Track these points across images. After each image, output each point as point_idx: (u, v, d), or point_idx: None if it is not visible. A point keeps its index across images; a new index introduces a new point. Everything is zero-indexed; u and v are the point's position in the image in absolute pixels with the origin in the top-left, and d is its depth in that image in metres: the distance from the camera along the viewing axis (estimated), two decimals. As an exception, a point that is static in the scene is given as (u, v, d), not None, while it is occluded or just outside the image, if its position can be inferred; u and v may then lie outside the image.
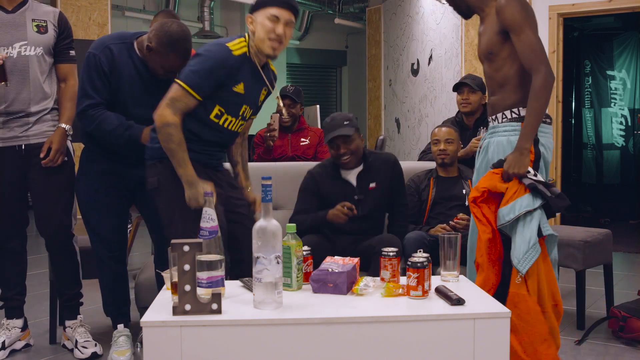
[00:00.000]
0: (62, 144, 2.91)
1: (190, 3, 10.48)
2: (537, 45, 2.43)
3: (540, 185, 2.39)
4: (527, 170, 2.42)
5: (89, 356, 2.93)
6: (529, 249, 2.37)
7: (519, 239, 2.39)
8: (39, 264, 4.76)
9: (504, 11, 2.46)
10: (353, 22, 10.80)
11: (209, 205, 2.05)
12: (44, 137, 2.92)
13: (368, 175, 3.14)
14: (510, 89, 2.53)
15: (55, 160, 2.89)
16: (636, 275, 4.83)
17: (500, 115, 2.56)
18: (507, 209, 2.40)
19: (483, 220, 2.47)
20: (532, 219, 2.39)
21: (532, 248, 2.37)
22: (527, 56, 2.42)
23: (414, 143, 7.90)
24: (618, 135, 7.83)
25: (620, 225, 6.83)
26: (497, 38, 2.52)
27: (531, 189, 2.40)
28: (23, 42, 2.86)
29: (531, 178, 2.41)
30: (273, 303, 1.89)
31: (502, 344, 1.88)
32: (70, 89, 3.00)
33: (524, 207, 2.38)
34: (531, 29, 2.44)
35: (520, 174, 2.41)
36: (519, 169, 2.41)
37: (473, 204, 2.49)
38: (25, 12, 2.91)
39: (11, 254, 2.99)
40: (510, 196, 2.41)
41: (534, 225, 2.38)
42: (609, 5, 5.47)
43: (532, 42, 2.43)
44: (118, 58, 2.66)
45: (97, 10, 7.36)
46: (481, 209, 2.48)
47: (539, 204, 2.39)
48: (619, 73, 7.73)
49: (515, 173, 2.41)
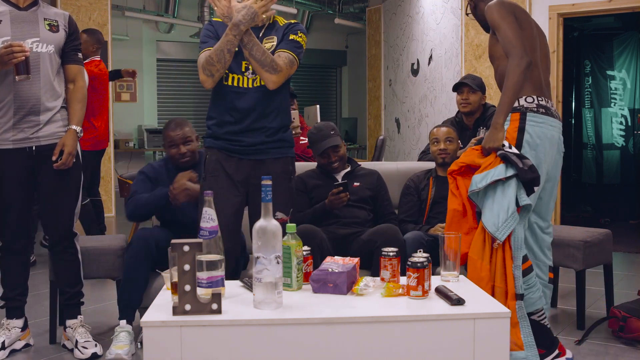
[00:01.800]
0: (74, 147, 2.93)
1: (190, 3, 10.48)
2: (511, 34, 2.58)
3: (512, 156, 2.51)
4: (502, 144, 2.56)
5: (89, 356, 2.93)
6: (508, 217, 2.48)
7: (496, 207, 2.51)
8: (39, 264, 4.76)
9: (487, 14, 2.68)
10: (353, 22, 10.80)
11: (209, 206, 2.05)
12: (54, 138, 2.93)
13: (353, 177, 3.37)
14: None
15: (67, 163, 2.91)
16: (636, 275, 4.83)
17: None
18: (481, 176, 2.56)
19: (455, 192, 2.70)
20: (509, 188, 2.51)
21: (511, 217, 2.49)
22: (505, 47, 2.60)
23: (414, 143, 7.90)
24: (618, 135, 7.83)
25: (620, 225, 6.82)
26: (492, 40, 2.75)
27: (502, 157, 2.53)
28: (35, 39, 2.86)
29: (505, 150, 2.54)
30: (273, 303, 1.89)
31: (502, 344, 1.88)
32: (79, 91, 3.03)
33: (496, 175, 2.52)
34: (507, 22, 2.60)
35: (495, 148, 2.56)
36: (493, 142, 2.56)
37: (449, 176, 2.71)
38: (37, 11, 2.92)
39: (17, 255, 3.00)
40: (485, 167, 2.57)
41: (510, 193, 2.50)
42: (609, 5, 5.47)
43: (506, 33, 2.59)
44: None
45: (97, 10, 7.36)
46: (456, 182, 2.70)
47: (511, 173, 2.51)
48: (619, 73, 7.72)
49: (491, 147, 2.57)
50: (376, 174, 3.45)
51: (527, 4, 5.81)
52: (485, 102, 3.82)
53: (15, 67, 2.74)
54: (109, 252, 3.21)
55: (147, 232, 3.03)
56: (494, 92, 5.37)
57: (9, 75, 2.81)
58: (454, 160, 3.42)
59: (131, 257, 2.96)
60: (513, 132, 2.60)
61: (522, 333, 2.46)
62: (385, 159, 8.00)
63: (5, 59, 2.70)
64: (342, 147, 3.35)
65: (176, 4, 10.39)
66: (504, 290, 2.48)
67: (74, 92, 3.02)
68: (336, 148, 3.30)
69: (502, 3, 2.65)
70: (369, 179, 3.39)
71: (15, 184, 2.90)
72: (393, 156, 8.54)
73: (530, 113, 2.61)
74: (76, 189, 3.02)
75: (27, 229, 3.02)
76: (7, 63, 2.72)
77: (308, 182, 3.34)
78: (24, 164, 2.90)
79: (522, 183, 2.51)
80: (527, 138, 2.59)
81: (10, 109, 2.84)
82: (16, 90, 2.83)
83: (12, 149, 2.87)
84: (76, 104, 3.01)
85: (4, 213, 2.92)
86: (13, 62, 2.71)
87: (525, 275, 2.54)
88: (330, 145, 3.27)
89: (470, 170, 2.65)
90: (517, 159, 2.50)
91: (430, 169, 3.50)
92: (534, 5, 5.80)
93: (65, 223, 2.98)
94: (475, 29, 6.36)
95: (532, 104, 2.63)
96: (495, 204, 2.51)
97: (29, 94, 2.85)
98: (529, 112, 2.61)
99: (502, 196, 2.50)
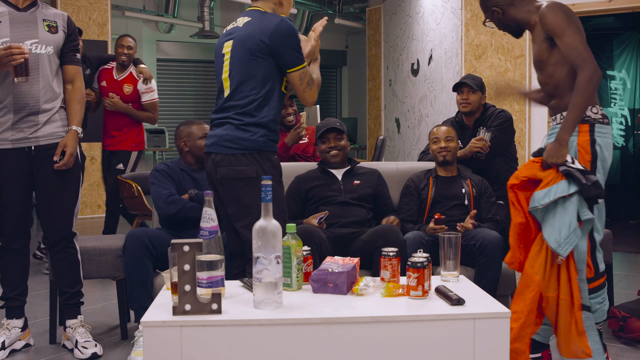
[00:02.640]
0: (75, 147, 2.95)
1: (190, 3, 10.48)
2: (580, 45, 2.52)
3: (576, 172, 2.47)
4: (565, 160, 2.50)
5: (89, 356, 2.93)
6: (570, 233, 2.44)
7: (558, 223, 2.46)
8: (39, 264, 4.76)
9: (546, 18, 2.57)
10: (353, 22, 10.80)
11: (209, 206, 2.05)
12: (53, 138, 2.93)
13: (353, 175, 3.40)
14: (564, 91, 2.60)
15: (69, 163, 2.92)
16: (636, 275, 4.83)
17: (559, 116, 2.64)
18: (543, 193, 2.50)
19: (516, 205, 2.61)
20: (571, 204, 2.46)
21: (573, 233, 2.45)
22: (572, 57, 2.52)
23: (414, 143, 7.90)
24: (618, 135, 7.83)
25: (620, 225, 6.82)
26: (544, 46, 2.63)
27: (565, 174, 2.48)
28: (34, 40, 2.86)
29: (568, 166, 2.49)
30: (273, 303, 1.89)
31: (502, 343, 1.88)
32: (78, 92, 3.04)
33: (559, 192, 2.46)
34: (573, 30, 2.53)
35: (557, 163, 2.51)
36: (557, 158, 2.50)
37: (510, 189, 2.62)
38: (36, 12, 2.92)
39: (15, 255, 3.00)
40: (547, 182, 2.51)
41: (572, 210, 2.46)
42: (609, 5, 5.47)
43: (574, 42, 2.52)
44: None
45: (97, 11, 7.36)
46: (517, 195, 2.61)
47: (574, 190, 2.46)
48: (619, 73, 7.72)
49: (554, 162, 2.51)
50: (377, 172, 3.46)
51: (527, 4, 5.81)
52: (485, 102, 3.82)
53: (15, 68, 2.74)
54: (109, 252, 3.21)
55: (138, 230, 3.06)
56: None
57: (9, 77, 2.81)
58: (454, 158, 3.44)
59: (130, 257, 2.96)
60: (586, 144, 2.55)
61: (590, 341, 2.47)
62: (385, 159, 8.00)
63: (4, 60, 2.71)
64: (345, 140, 3.42)
65: (176, 4, 10.38)
66: (569, 302, 2.48)
67: (73, 92, 3.03)
68: (338, 135, 3.38)
69: (563, 8, 2.58)
70: (370, 178, 3.40)
71: (14, 184, 2.91)
72: (393, 156, 8.55)
73: (597, 124, 2.56)
74: (76, 189, 3.03)
75: (26, 229, 3.03)
76: (6, 65, 2.72)
77: (305, 183, 3.35)
78: (23, 163, 2.90)
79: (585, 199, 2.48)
80: (598, 150, 2.55)
81: (9, 109, 2.85)
82: (15, 91, 2.83)
83: (11, 148, 2.88)
84: (76, 105, 3.02)
85: (3, 213, 2.92)
86: (12, 64, 2.71)
87: (600, 290, 2.56)
88: (331, 127, 3.36)
89: (530, 184, 2.59)
90: (580, 175, 2.46)
91: (430, 169, 3.50)
92: (534, 5, 5.80)
93: (64, 223, 2.99)
94: (476, 29, 6.36)
95: (598, 114, 2.58)
96: (557, 220, 2.47)
97: (28, 95, 2.85)
98: (597, 124, 2.56)
99: (563, 212, 2.47)
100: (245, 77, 2.58)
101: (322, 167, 3.43)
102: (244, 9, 10.82)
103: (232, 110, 2.60)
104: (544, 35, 2.62)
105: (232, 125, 2.58)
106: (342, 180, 3.36)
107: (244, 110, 2.57)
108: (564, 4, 2.61)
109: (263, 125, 2.58)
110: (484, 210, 3.34)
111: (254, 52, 2.56)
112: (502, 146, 3.65)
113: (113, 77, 4.89)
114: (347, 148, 3.43)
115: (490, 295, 2.15)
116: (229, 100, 2.62)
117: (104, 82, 4.88)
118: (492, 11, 2.78)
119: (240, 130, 2.56)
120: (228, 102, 2.62)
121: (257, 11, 2.66)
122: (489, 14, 2.81)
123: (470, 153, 3.61)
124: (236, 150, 2.56)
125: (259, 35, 2.55)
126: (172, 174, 3.26)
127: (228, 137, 2.57)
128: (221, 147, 2.58)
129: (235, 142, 2.56)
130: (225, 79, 2.64)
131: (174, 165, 3.31)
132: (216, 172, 2.58)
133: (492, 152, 3.62)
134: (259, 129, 2.58)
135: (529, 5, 2.70)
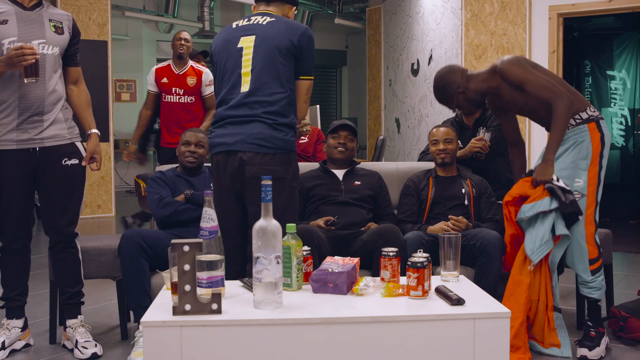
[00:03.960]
0: (100, 151, 3.06)
1: (190, 3, 10.48)
2: (545, 82, 2.84)
3: (558, 190, 2.77)
4: (551, 178, 2.82)
5: (89, 356, 2.93)
6: (542, 244, 2.78)
7: (534, 234, 2.80)
8: (39, 264, 4.75)
9: (507, 74, 2.92)
10: (353, 22, 10.80)
11: (209, 205, 2.05)
12: (57, 140, 2.93)
13: (354, 176, 3.43)
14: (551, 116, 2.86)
15: (99, 166, 3.06)
16: (636, 275, 4.82)
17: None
18: (529, 207, 2.83)
19: (509, 219, 2.97)
20: (548, 220, 2.78)
21: (545, 244, 2.78)
22: (544, 95, 2.85)
23: (414, 143, 7.90)
24: (618, 135, 7.82)
25: (620, 225, 6.82)
26: (517, 94, 2.95)
27: (549, 190, 2.79)
28: (42, 40, 2.85)
29: (553, 184, 2.80)
30: (273, 303, 1.89)
31: (502, 343, 1.88)
32: (84, 93, 3.09)
33: (541, 207, 2.79)
34: (533, 73, 2.87)
35: (545, 181, 2.82)
36: (544, 176, 2.83)
37: (505, 205, 2.97)
38: (42, 12, 2.91)
39: (16, 255, 3.00)
40: (534, 198, 2.83)
41: (548, 224, 2.78)
42: (609, 5, 5.47)
43: (541, 82, 2.84)
44: None
45: (97, 10, 7.36)
46: (510, 212, 2.96)
47: (554, 206, 2.77)
48: (619, 73, 7.72)
49: (541, 180, 2.83)
50: (377, 174, 3.47)
51: (527, 4, 5.82)
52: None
53: (25, 69, 2.72)
54: (109, 252, 3.20)
55: (131, 231, 3.07)
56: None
57: (14, 77, 2.80)
58: (453, 159, 3.44)
59: (125, 258, 2.95)
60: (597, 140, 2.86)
61: (560, 336, 2.85)
62: (385, 159, 8.00)
63: (15, 60, 2.68)
64: (354, 143, 3.50)
65: (176, 4, 10.39)
66: (545, 303, 2.85)
67: (80, 95, 3.06)
68: (350, 134, 3.43)
69: (514, 59, 2.93)
70: (370, 179, 3.41)
71: (17, 185, 2.90)
72: (393, 156, 8.55)
73: (600, 120, 2.89)
74: (80, 191, 3.03)
75: (27, 229, 3.02)
76: (17, 65, 2.70)
77: (306, 182, 3.36)
78: (26, 164, 2.90)
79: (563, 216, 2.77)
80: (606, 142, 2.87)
81: (14, 110, 2.84)
82: (21, 91, 2.82)
83: (15, 149, 2.87)
84: (87, 107, 3.09)
85: (4, 213, 2.92)
86: (23, 64, 2.70)
87: (601, 269, 2.90)
88: (347, 124, 3.43)
89: (522, 200, 2.91)
90: (561, 193, 2.77)
91: (430, 169, 3.50)
92: (534, 5, 5.81)
93: (68, 224, 2.98)
94: (476, 29, 6.37)
95: (595, 112, 2.90)
96: (535, 231, 2.80)
97: (33, 96, 2.85)
98: (599, 120, 2.89)
99: (541, 225, 2.79)
100: (273, 74, 2.58)
101: (324, 167, 3.45)
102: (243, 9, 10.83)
103: (259, 107, 2.58)
104: (513, 87, 2.93)
105: (263, 124, 2.57)
106: (343, 181, 3.38)
107: (275, 110, 2.58)
108: (511, 56, 2.98)
109: (292, 126, 2.63)
110: (484, 210, 3.34)
111: (282, 50, 2.58)
112: (502, 146, 3.65)
113: (173, 73, 4.87)
114: (354, 151, 3.48)
115: (490, 295, 2.16)
116: (251, 95, 2.60)
117: (164, 79, 4.85)
118: (457, 95, 3.06)
119: (275, 130, 2.57)
120: (250, 98, 2.60)
121: (275, 15, 2.70)
122: (454, 101, 3.08)
123: (470, 153, 3.61)
124: (269, 149, 2.56)
125: (288, 35, 2.59)
126: (166, 179, 3.33)
127: (262, 136, 2.56)
128: (252, 145, 2.57)
129: (271, 141, 2.56)
130: (246, 73, 2.62)
131: (169, 172, 3.40)
132: (244, 171, 2.58)
133: (492, 152, 3.62)
134: (289, 130, 2.62)
135: (482, 75, 3.02)
